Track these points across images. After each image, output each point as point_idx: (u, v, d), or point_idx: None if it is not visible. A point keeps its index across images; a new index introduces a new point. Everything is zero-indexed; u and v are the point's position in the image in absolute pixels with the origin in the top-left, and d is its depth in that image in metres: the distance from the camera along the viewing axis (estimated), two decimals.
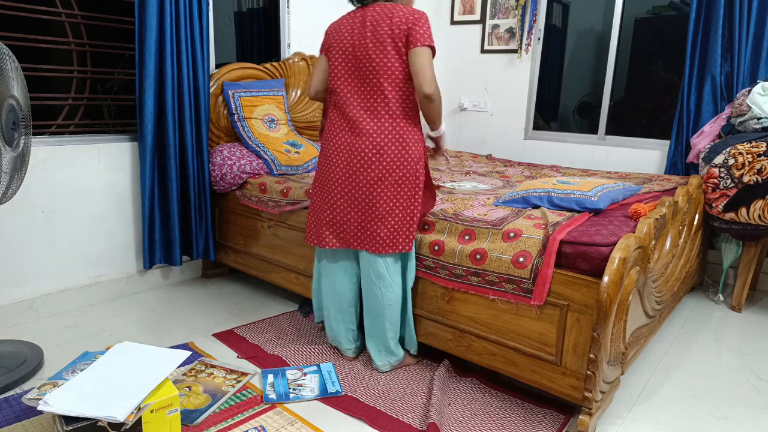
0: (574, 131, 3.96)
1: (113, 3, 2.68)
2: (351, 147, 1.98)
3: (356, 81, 1.98)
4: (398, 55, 1.90)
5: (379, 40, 1.91)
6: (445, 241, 1.99)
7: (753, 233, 2.64)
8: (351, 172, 1.98)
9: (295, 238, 2.56)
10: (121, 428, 1.39)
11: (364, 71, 1.96)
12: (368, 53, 1.93)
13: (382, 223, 1.96)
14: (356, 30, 1.96)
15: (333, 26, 2.04)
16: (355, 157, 1.97)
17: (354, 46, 1.96)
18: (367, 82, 1.96)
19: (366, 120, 1.96)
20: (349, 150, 1.98)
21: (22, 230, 2.40)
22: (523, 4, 3.86)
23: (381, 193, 1.95)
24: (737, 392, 2.08)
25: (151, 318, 2.56)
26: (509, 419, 1.82)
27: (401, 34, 1.88)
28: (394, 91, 1.94)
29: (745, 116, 2.73)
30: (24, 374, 1.95)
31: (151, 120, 2.60)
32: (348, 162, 1.98)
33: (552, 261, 1.72)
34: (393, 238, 1.97)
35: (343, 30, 2.00)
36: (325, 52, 2.07)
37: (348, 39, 1.97)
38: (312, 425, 1.75)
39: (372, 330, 2.08)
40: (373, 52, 1.92)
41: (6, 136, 1.81)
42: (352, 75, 1.99)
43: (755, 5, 2.94)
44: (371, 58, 1.93)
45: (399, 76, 1.93)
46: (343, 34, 1.99)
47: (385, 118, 1.95)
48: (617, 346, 1.73)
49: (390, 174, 1.94)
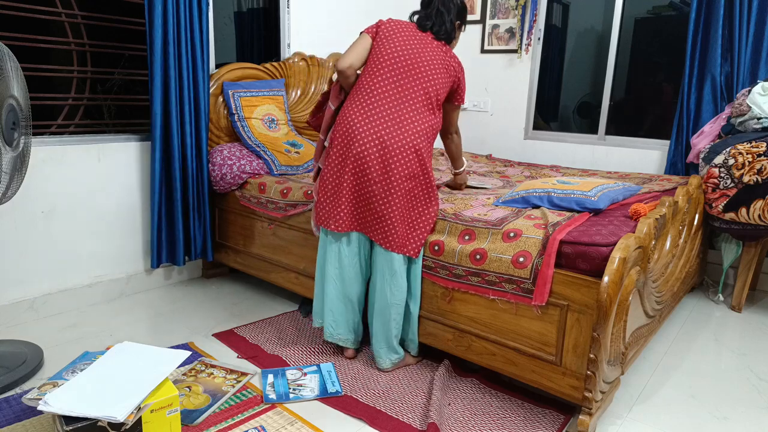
0: (574, 131, 3.96)
1: (113, 3, 2.68)
2: (384, 140, 1.95)
3: (400, 79, 2.01)
4: (447, 85, 2.09)
5: (436, 61, 2.05)
6: (445, 241, 1.99)
7: (753, 233, 2.64)
8: (382, 165, 1.95)
9: (295, 238, 2.56)
10: (121, 428, 1.39)
11: (412, 74, 2.02)
12: (424, 63, 2.03)
13: (400, 222, 1.98)
14: (415, 40, 2.06)
15: (392, 22, 2.08)
16: (389, 151, 1.94)
17: (411, 48, 2.03)
18: (411, 86, 2.01)
19: (406, 117, 1.99)
20: (382, 143, 1.95)
21: (22, 230, 2.40)
22: (523, 4, 3.86)
23: (407, 192, 1.98)
24: (737, 392, 2.08)
25: (151, 318, 2.56)
26: (509, 419, 1.82)
27: (453, 77, 2.10)
28: (433, 107, 2.05)
29: (745, 116, 2.73)
30: (24, 374, 1.95)
31: (159, 120, 2.62)
32: (379, 155, 1.95)
33: (552, 261, 1.72)
34: (408, 239, 1.99)
35: (402, 30, 2.07)
36: (373, 36, 2.08)
37: (405, 40, 2.05)
38: (312, 425, 1.75)
39: (378, 327, 2.08)
40: (429, 65, 2.03)
41: (6, 136, 1.81)
42: (398, 72, 2.02)
43: (755, 5, 2.94)
44: (425, 69, 2.02)
45: (440, 99, 2.07)
46: (401, 33, 2.06)
47: (423, 122, 2.02)
48: (617, 346, 1.73)
49: (419, 175, 1.98)
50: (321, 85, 3.47)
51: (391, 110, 1.98)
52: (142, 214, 2.81)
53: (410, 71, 2.00)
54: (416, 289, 2.07)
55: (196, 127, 2.77)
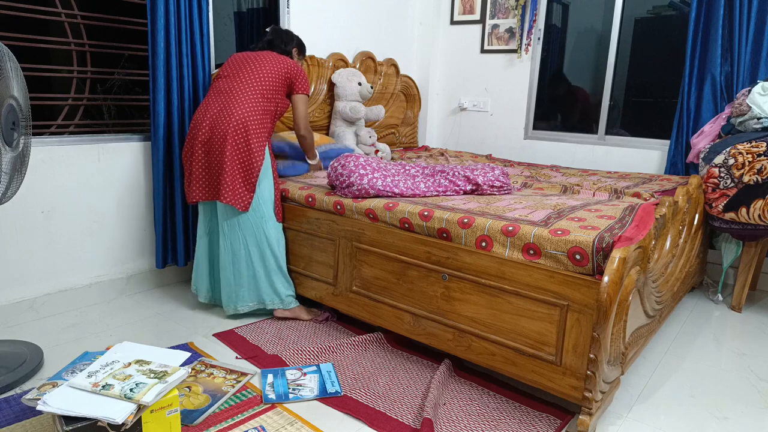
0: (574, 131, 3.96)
1: (113, 3, 2.68)
2: (215, 121, 2.44)
3: (232, 78, 2.55)
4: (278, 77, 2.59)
5: (267, 62, 2.54)
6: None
7: (753, 233, 2.64)
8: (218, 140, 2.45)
9: (295, 238, 2.56)
10: (121, 428, 1.39)
11: (243, 73, 2.56)
12: (256, 65, 2.54)
13: (230, 180, 2.44)
14: (249, 55, 2.59)
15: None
16: (220, 128, 2.43)
17: (243, 59, 2.58)
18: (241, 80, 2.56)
19: (235, 103, 2.49)
20: (213, 123, 2.44)
21: (22, 230, 2.40)
22: (523, 4, 3.86)
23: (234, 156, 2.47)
24: (737, 392, 2.08)
25: (151, 318, 2.56)
26: (503, 421, 1.82)
27: (284, 72, 2.54)
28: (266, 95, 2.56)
29: (745, 116, 2.73)
30: (24, 374, 1.95)
31: (162, 120, 2.62)
32: (211, 132, 2.44)
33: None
34: (236, 195, 2.45)
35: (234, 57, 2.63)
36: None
37: (236, 58, 2.62)
38: (312, 425, 1.75)
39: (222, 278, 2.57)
40: (261, 65, 2.56)
41: (6, 136, 1.81)
42: (230, 74, 2.56)
43: (755, 5, 2.94)
44: (257, 68, 2.54)
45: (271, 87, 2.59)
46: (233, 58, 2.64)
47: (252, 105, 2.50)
48: (617, 346, 1.73)
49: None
50: (321, 85, 3.47)
51: (223, 99, 2.41)
52: (142, 214, 2.81)
53: (241, 71, 2.47)
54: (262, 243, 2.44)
55: None
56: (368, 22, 3.87)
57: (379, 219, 2.22)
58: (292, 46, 2.71)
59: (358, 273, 2.32)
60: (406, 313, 2.16)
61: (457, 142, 4.42)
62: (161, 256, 2.77)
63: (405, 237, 2.12)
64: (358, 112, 3.39)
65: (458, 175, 2.43)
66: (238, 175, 2.35)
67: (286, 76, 2.51)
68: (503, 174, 2.47)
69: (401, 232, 2.14)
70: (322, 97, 3.48)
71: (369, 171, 2.35)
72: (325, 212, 2.42)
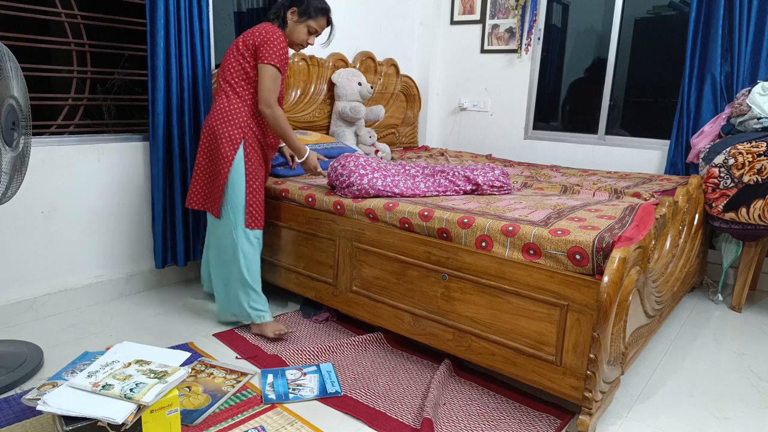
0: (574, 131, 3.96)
1: (113, 3, 2.68)
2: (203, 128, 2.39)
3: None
4: (237, 58, 2.32)
5: (230, 49, 2.33)
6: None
7: (753, 233, 2.64)
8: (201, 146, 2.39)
9: (295, 238, 2.56)
10: (121, 428, 1.39)
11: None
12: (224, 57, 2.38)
13: (201, 186, 2.43)
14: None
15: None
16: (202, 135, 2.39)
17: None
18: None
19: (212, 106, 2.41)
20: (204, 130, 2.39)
21: (22, 230, 2.40)
22: (523, 4, 3.86)
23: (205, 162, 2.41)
24: (737, 392, 2.08)
25: (151, 318, 2.56)
26: (503, 421, 1.82)
27: (246, 45, 2.25)
28: (227, 92, 2.35)
29: (745, 116, 2.73)
30: (24, 374, 1.95)
31: (162, 120, 2.62)
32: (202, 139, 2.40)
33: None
34: (207, 200, 2.45)
35: None
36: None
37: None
38: (312, 425, 1.75)
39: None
40: (226, 55, 2.39)
41: (6, 136, 1.81)
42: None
43: (755, 5, 2.94)
44: (223, 61, 2.38)
45: (231, 78, 2.33)
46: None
47: (215, 107, 2.34)
48: (617, 346, 1.73)
49: (211, 149, 2.36)
50: (321, 85, 3.47)
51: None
52: (141, 214, 2.81)
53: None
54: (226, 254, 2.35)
55: (196, 126, 2.77)
56: (368, 22, 3.87)
57: (379, 219, 2.22)
58: (288, 8, 2.29)
59: (358, 273, 2.31)
60: (406, 313, 2.16)
61: (457, 142, 4.42)
62: (161, 256, 2.77)
63: (405, 237, 2.12)
64: (358, 112, 3.39)
65: (458, 175, 2.43)
66: (204, 177, 2.33)
67: (253, 48, 2.19)
68: (503, 174, 2.47)
69: (401, 232, 2.14)
70: (322, 97, 3.48)
71: (369, 171, 2.35)
72: (325, 212, 2.42)
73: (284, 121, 2.25)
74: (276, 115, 2.22)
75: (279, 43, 2.17)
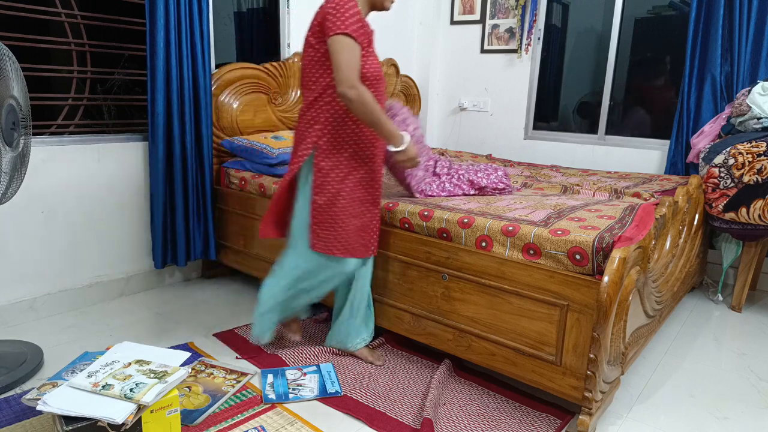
0: (574, 131, 3.96)
1: (113, 3, 2.68)
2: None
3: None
4: (311, 51, 1.88)
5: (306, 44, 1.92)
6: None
7: (753, 233, 2.64)
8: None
9: None
10: (121, 428, 1.39)
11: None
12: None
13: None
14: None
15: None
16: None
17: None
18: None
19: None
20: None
21: (22, 230, 2.40)
22: (523, 4, 3.86)
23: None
24: (737, 392, 2.08)
25: (151, 318, 2.56)
26: (503, 421, 1.82)
27: (315, 26, 1.89)
28: (309, 100, 1.92)
29: (745, 116, 2.73)
30: (24, 374, 1.95)
31: (162, 120, 2.62)
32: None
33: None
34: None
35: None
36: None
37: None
38: (312, 425, 1.75)
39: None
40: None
41: (6, 136, 1.81)
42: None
43: (755, 5, 2.94)
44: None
45: (310, 79, 1.91)
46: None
47: (301, 119, 1.95)
48: (617, 346, 1.73)
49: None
50: None
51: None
52: (141, 214, 2.81)
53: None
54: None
55: (197, 126, 2.77)
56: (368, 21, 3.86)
57: None
58: None
59: None
60: (406, 313, 2.16)
61: (457, 142, 4.42)
62: (161, 256, 2.77)
63: (405, 237, 2.12)
64: None
65: (462, 179, 2.42)
66: (283, 194, 2.03)
67: (319, 28, 1.78)
68: (505, 175, 2.47)
69: (401, 232, 2.14)
70: None
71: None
72: None
73: (372, 103, 1.70)
74: (362, 97, 1.68)
75: (348, 9, 1.72)
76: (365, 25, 1.82)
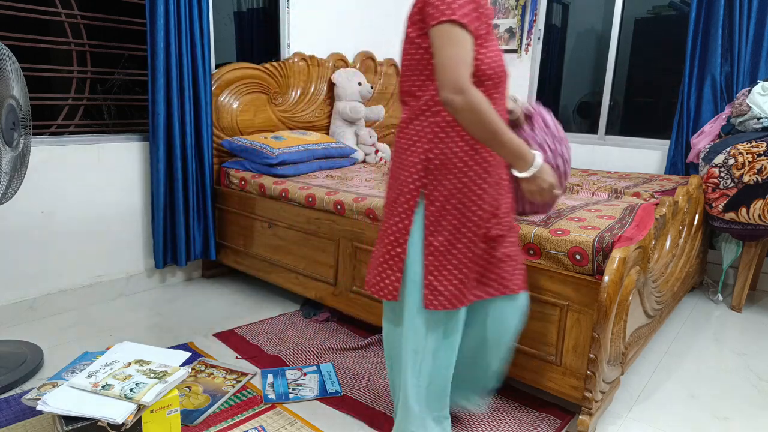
0: (574, 131, 3.96)
1: (113, 3, 2.68)
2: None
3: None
4: (410, 49, 1.40)
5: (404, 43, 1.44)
6: None
7: (753, 233, 2.64)
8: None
9: (295, 238, 2.56)
10: (121, 428, 1.39)
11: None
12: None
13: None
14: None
15: None
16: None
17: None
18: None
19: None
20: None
21: (22, 230, 2.40)
22: (523, 4, 3.86)
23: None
24: (737, 392, 2.08)
25: (151, 318, 2.56)
26: (504, 421, 1.82)
27: (414, 16, 1.37)
28: (410, 106, 1.45)
29: (745, 116, 2.73)
30: (24, 374, 1.95)
31: (162, 120, 2.62)
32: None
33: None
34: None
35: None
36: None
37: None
38: (312, 425, 1.75)
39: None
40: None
41: (6, 136, 1.81)
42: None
43: (755, 5, 2.94)
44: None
45: (408, 86, 1.44)
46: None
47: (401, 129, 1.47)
48: (617, 346, 1.73)
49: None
50: (321, 85, 3.47)
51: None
52: (141, 214, 2.81)
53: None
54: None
55: (197, 126, 2.77)
56: (368, 22, 3.87)
57: (379, 219, 2.22)
58: None
59: (359, 273, 2.31)
60: None
61: None
62: (161, 256, 2.77)
63: None
64: (359, 112, 3.39)
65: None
66: (380, 248, 1.50)
67: (419, 16, 1.33)
68: None
69: None
70: (322, 97, 3.48)
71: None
72: (325, 212, 2.42)
73: (487, 112, 1.25)
74: (472, 103, 1.23)
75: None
76: (482, 5, 1.33)
